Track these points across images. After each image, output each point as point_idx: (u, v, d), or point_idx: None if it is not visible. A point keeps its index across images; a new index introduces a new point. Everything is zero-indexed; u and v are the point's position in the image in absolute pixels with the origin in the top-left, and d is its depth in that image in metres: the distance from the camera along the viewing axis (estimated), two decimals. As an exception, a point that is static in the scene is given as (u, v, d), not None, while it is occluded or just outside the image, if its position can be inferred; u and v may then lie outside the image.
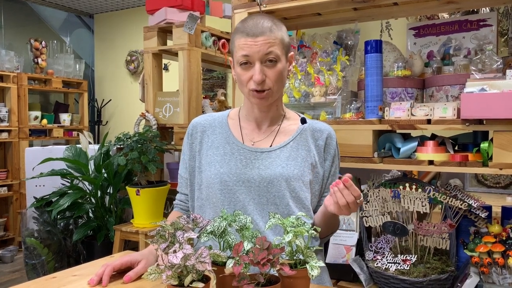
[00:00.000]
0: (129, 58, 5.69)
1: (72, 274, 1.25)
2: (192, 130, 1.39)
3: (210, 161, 1.31)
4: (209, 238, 1.02)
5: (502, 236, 1.54)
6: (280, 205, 1.26)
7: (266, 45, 1.20)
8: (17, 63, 4.95)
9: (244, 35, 1.21)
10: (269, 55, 1.21)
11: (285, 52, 1.26)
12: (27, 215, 3.23)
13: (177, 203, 1.44)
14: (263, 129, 1.35)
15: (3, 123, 4.72)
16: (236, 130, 1.36)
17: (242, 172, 1.27)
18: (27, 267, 3.12)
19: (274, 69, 1.23)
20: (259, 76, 1.20)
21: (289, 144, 1.31)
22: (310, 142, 1.34)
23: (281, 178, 1.26)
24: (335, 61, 1.97)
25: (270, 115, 1.34)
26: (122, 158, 2.58)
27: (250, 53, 1.20)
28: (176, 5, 2.87)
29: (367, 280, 1.72)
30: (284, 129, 1.35)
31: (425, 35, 2.17)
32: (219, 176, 1.28)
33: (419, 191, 1.62)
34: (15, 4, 5.35)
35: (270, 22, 1.23)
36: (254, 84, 1.22)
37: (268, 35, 1.20)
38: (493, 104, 1.49)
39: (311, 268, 0.93)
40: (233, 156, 1.30)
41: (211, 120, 1.39)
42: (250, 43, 1.20)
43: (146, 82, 3.02)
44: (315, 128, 1.36)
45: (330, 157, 1.36)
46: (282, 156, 1.29)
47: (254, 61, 1.21)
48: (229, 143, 1.32)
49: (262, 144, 1.32)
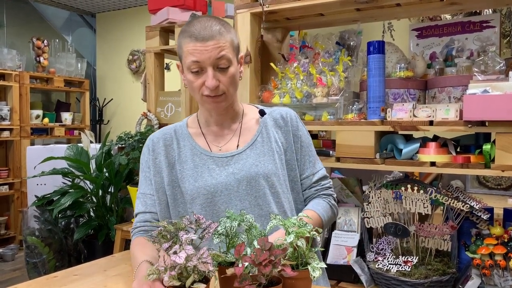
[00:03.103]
0: (131, 58, 5.69)
1: (73, 274, 1.25)
2: (154, 146, 1.32)
3: (182, 176, 1.27)
4: (221, 239, 1.00)
5: (504, 238, 1.53)
6: (263, 204, 1.24)
7: (217, 49, 1.16)
8: (19, 62, 4.96)
9: (193, 40, 1.16)
10: (220, 60, 1.17)
11: (235, 54, 1.24)
12: (28, 214, 3.23)
13: (139, 227, 1.29)
14: (226, 131, 1.32)
15: (5, 122, 4.72)
16: (200, 139, 1.32)
17: (218, 182, 1.24)
18: (28, 265, 3.12)
19: (227, 73, 1.20)
20: (212, 82, 1.17)
21: (256, 141, 1.29)
22: (275, 131, 1.32)
23: (257, 176, 1.24)
24: (337, 62, 1.96)
25: (229, 115, 1.32)
26: (124, 157, 2.58)
27: (201, 59, 1.16)
28: (178, 5, 2.86)
29: (368, 281, 1.72)
30: (246, 125, 1.33)
31: (427, 36, 2.17)
32: (196, 191, 1.24)
33: (421, 193, 1.61)
34: (18, 3, 5.35)
35: (218, 25, 1.19)
36: (208, 90, 1.19)
37: (218, 38, 1.16)
38: (496, 106, 1.48)
39: (313, 269, 0.93)
40: (204, 167, 1.26)
41: (171, 133, 1.34)
42: (200, 48, 1.15)
43: (148, 82, 3.02)
44: (276, 117, 1.33)
45: (297, 139, 1.33)
46: (252, 154, 1.27)
47: (206, 66, 1.17)
48: (197, 154, 1.29)
49: (229, 147, 1.30)
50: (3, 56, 4.78)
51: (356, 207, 1.94)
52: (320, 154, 1.88)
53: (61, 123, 5.36)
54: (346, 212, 1.94)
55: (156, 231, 0.97)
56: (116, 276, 1.23)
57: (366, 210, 1.75)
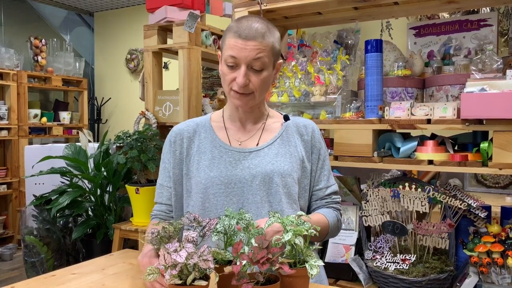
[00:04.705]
0: (129, 57, 5.68)
1: (71, 273, 1.25)
2: (175, 138, 1.36)
3: (198, 166, 1.30)
4: (220, 237, 1.01)
5: (501, 236, 1.54)
6: (274, 202, 1.26)
7: (256, 51, 1.19)
8: (17, 61, 4.94)
9: (236, 36, 1.19)
10: (256, 61, 1.20)
11: (273, 59, 1.25)
12: (26, 213, 3.23)
13: (156, 214, 1.38)
14: (248, 128, 1.35)
15: (3, 121, 4.71)
16: (221, 132, 1.35)
17: (233, 174, 1.26)
18: (26, 265, 3.12)
19: (259, 76, 1.22)
20: (242, 79, 1.20)
21: (276, 141, 1.32)
22: (296, 138, 1.34)
23: (273, 174, 1.26)
24: (335, 61, 1.96)
25: (254, 115, 1.35)
26: (122, 156, 2.58)
27: (238, 56, 1.19)
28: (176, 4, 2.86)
29: (366, 279, 1.72)
30: (269, 126, 1.36)
31: (425, 35, 2.17)
32: (210, 180, 1.26)
33: (419, 191, 1.62)
34: (15, 2, 5.34)
35: (264, 27, 1.21)
36: (237, 86, 1.21)
37: (259, 41, 1.19)
38: (493, 104, 1.49)
39: (311, 267, 0.93)
40: (221, 159, 1.29)
41: (194, 126, 1.37)
42: (240, 45, 1.19)
43: (146, 81, 3.02)
44: (299, 124, 1.37)
45: (317, 151, 1.36)
46: (270, 153, 1.29)
47: (241, 63, 1.20)
48: (216, 146, 1.31)
49: (248, 143, 1.32)
50: (1, 55, 4.77)
51: (354, 206, 1.94)
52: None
53: (59, 122, 5.35)
54: (344, 210, 1.94)
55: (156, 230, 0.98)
56: (114, 275, 1.23)
57: (364, 209, 1.75)
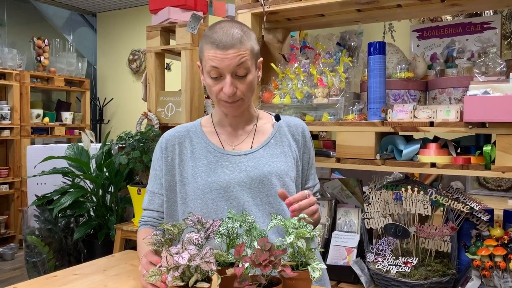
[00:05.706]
0: (131, 57, 5.69)
1: (73, 273, 1.25)
2: (167, 144, 1.34)
3: (194, 172, 1.28)
4: (222, 240, 1.01)
5: (504, 239, 1.53)
6: (274, 202, 1.26)
7: (237, 57, 1.18)
8: (19, 61, 4.95)
9: (214, 47, 1.18)
10: (239, 68, 1.19)
11: (255, 61, 1.25)
12: (28, 213, 3.23)
13: (146, 221, 1.35)
14: (240, 132, 1.34)
15: (5, 121, 4.72)
16: (214, 137, 1.34)
17: (231, 178, 1.26)
18: (27, 265, 3.12)
19: (245, 81, 1.22)
20: (229, 89, 1.19)
21: (270, 142, 1.32)
22: (289, 137, 1.35)
23: (271, 175, 1.26)
24: (338, 63, 1.96)
25: (244, 118, 1.35)
26: (124, 157, 2.58)
27: (220, 66, 1.18)
28: (179, 5, 2.86)
29: (368, 282, 1.72)
30: (261, 128, 1.36)
31: (428, 37, 2.17)
32: (208, 185, 1.25)
33: (421, 194, 1.61)
34: (19, 2, 5.36)
35: (240, 32, 1.20)
36: (225, 96, 1.21)
37: (238, 47, 1.18)
38: (496, 107, 1.48)
39: (313, 269, 0.93)
40: (218, 164, 1.28)
41: (185, 132, 1.35)
42: (220, 55, 1.17)
43: (148, 82, 3.02)
44: (290, 124, 1.38)
45: (308, 151, 1.38)
46: (266, 155, 1.29)
47: (225, 73, 1.19)
48: (211, 151, 1.30)
49: (242, 146, 1.32)
50: (4, 55, 4.78)
51: (356, 208, 1.94)
52: (321, 155, 1.88)
53: (62, 122, 5.35)
54: (346, 212, 1.94)
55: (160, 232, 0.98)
56: (116, 276, 1.23)
57: (366, 211, 1.75)
